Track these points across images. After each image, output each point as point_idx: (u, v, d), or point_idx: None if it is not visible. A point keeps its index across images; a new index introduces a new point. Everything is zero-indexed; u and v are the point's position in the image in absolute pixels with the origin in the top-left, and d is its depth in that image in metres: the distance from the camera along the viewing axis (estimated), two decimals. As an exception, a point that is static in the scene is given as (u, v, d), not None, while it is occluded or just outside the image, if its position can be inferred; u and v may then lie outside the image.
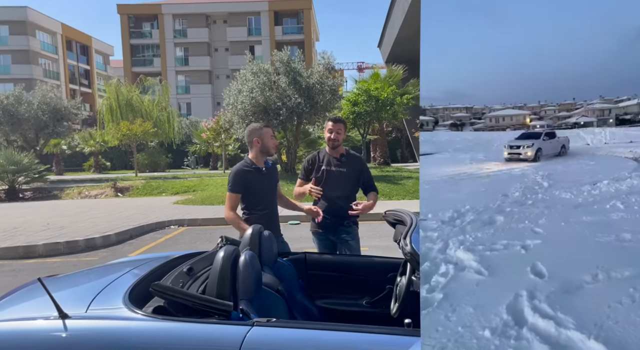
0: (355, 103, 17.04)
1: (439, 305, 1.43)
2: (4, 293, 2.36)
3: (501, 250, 1.93)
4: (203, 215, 9.80)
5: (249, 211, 3.27)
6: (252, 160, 3.28)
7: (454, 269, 1.64)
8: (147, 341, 1.75)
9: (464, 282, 1.59)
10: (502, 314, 1.32)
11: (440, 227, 1.94)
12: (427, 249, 1.57)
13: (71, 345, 1.73)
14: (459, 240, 1.98)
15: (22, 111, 17.70)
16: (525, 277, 1.54)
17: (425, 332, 1.30)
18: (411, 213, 2.47)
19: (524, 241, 1.97)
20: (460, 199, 2.57)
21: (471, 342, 1.24)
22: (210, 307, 1.87)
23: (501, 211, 2.52)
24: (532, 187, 2.98)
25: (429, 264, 1.53)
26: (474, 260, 1.79)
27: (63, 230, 8.32)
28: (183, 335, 1.76)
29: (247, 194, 3.22)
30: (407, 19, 21.49)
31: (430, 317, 1.35)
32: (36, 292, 2.12)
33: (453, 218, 2.35)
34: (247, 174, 3.22)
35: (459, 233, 2.09)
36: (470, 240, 2.06)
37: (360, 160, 3.60)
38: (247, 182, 3.20)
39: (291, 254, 3.02)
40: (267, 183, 3.30)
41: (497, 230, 2.23)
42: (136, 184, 16.09)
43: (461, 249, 1.88)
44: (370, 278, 2.86)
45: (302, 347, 1.70)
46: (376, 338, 1.74)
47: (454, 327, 1.31)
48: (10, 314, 1.94)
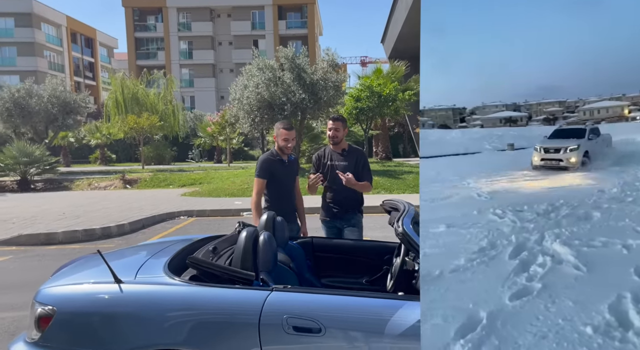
0: (358, 99, 17.37)
1: (539, 294, 1.49)
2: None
3: (600, 247, 1.88)
4: (210, 207, 10.22)
5: (270, 196, 3.65)
6: (277, 152, 3.68)
7: (551, 261, 1.73)
8: (184, 302, 2.16)
9: (562, 275, 1.62)
10: (604, 313, 1.28)
11: (536, 218, 2.07)
12: (524, 239, 1.71)
13: (125, 304, 2.14)
14: (555, 233, 2.05)
15: (32, 104, 18.11)
16: (628, 278, 1.50)
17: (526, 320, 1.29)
18: (405, 201, 2.86)
19: (625, 240, 1.89)
20: (554, 192, 2.62)
21: (572, 335, 1.23)
22: (236, 276, 2.28)
23: (598, 207, 2.46)
24: (633, 184, 2.76)
25: (526, 253, 1.68)
26: (571, 254, 1.81)
27: (79, 219, 8.75)
28: (214, 298, 2.17)
29: (271, 181, 3.60)
30: (411, 15, 21.70)
31: (530, 305, 1.39)
32: (91, 263, 2.53)
33: (548, 211, 2.44)
34: (272, 163, 3.62)
35: (554, 226, 2.16)
36: (567, 234, 2.06)
37: (360, 153, 3.91)
38: (272, 170, 3.59)
39: (300, 237, 3.42)
40: (287, 173, 3.69)
41: (594, 226, 2.19)
42: (144, 177, 16.51)
43: (557, 242, 1.94)
44: (369, 260, 3.25)
45: (313, 307, 2.10)
46: (372, 301, 2.15)
47: (554, 318, 1.33)
48: (76, 279, 2.35)
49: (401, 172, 14.73)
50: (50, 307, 2.14)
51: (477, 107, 4.88)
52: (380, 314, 2.06)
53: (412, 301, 2.07)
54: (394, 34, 26.81)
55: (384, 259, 3.18)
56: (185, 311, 2.12)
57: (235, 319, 2.09)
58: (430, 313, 1.78)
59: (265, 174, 3.58)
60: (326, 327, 2.02)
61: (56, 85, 19.08)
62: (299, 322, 2.04)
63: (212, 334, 2.05)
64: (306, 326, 2.03)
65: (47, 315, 2.13)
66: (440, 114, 5.04)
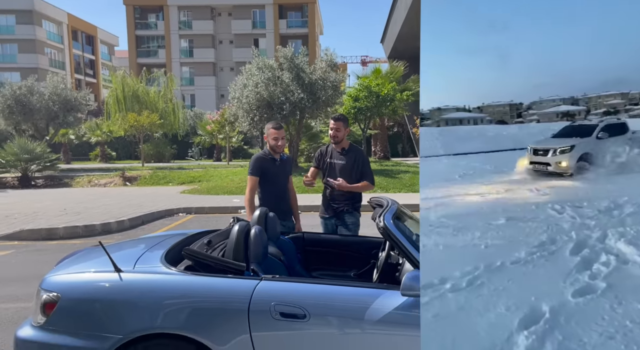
0: (357, 98, 17.53)
1: (603, 293, 1.45)
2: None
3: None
4: (209, 204, 10.38)
5: (263, 194, 3.82)
6: (269, 151, 3.84)
7: (615, 261, 1.68)
8: (180, 289, 2.32)
9: (628, 276, 1.57)
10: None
11: (597, 216, 2.04)
12: (585, 236, 1.71)
13: (124, 292, 2.31)
14: (619, 231, 2.00)
15: (33, 101, 18.26)
16: None
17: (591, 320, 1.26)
18: (390, 199, 3.02)
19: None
20: (617, 189, 2.55)
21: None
22: (228, 267, 2.45)
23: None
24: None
25: (588, 250, 1.67)
26: (638, 255, 1.76)
27: (79, 215, 8.91)
28: (207, 286, 2.33)
29: (263, 179, 3.77)
30: (410, 15, 21.82)
31: (594, 304, 1.38)
32: (92, 254, 2.70)
33: (610, 208, 2.37)
34: (264, 161, 3.79)
35: (618, 224, 2.10)
36: (632, 233, 2.01)
37: (360, 152, 4.03)
38: (264, 168, 3.75)
39: (292, 232, 3.59)
40: (279, 172, 3.84)
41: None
42: (143, 174, 16.67)
43: (622, 242, 1.89)
44: (358, 254, 3.42)
45: (299, 295, 2.27)
46: (353, 290, 2.31)
47: (621, 319, 1.28)
48: (79, 268, 2.51)
49: (398, 171, 14.89)
50: (55, 293, 2.30)
51: (534, 102, 4.94)
52: (360, 302, 2.22)
53: (390, 290, 2.23)
54: (394, 34, 26.94)
55: (371, 253, 3.34)
56: (181, 298, 2.28)
57: (226, 305, 2.26)
58: (491, 303, 1.80)
59: (257, 171, 3.74)
60: (311, 314, 2.19)
61: (57, 83, 19.25)
62: (286, 309, 2.20)
63: (206, 320, 2.21)
64: (292, 312, 2.20)
65: (51, 301, 2.30)
66: (497, 109, 5.14)
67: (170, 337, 2.22)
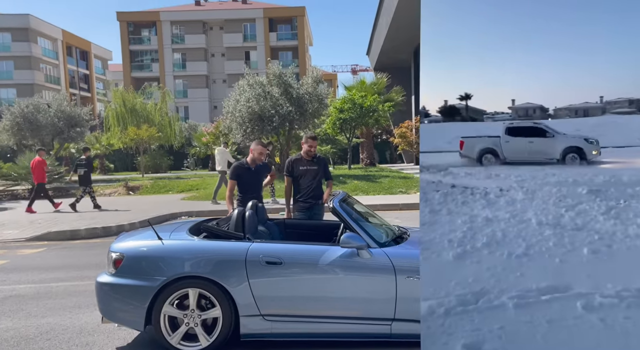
0: (342, 110, 18.95)
1: None
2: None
3: None
4: (208, 209, 11.65)
5: (241, 195, 5.16)
6: (246, 161, 5.20)
7: None
8: (200, 249, 3.61)
9: None
10: None
11: None
12: None
13: (165, 251, 3.59)
14: None
15: (40, 118, 19.49)
16: None
17: None
18: (341, 191, 4.34)
19: None
20: None
21: None
22: (232, 236, 3.76)
23: None
24: None
25: None
26: None
27: (94, 219, 10.15)
28: (218, 247, 3.64)
29: (240, 183, 5.11)
30: (390, 33, 23.35)
31: None
32: (141, 232, 4.01)
33: None
34: (240, 169, 5.13)
35: None
36: None
37: (323, 159, 5.56)
38: (239, 175, 5.09)
39: (276, 219, 4.91)
40: (253, 178, 5.18)
41: None
42: (145, 184, 17.90)
43: None
44: (326, 233, 4.71)
45: (277, 251, 3.56)
46: (314, 246, 3.62)
47: None
48: (135, 238, 3.81)
49: (379, 176, 16.26)
50: (120, 253, 3.59)
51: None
52: (316, 253, 3.53)
53: (335, 246, 3.55)
54: (377, 48, 28.46)
55: (333, 232, 4.66)
56: (201, 254, 3.58)
57: (231, 258, 3.55)
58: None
59: (234, 176, 5.11)
60: (284, 261, 3.49)
61: (61, 100, 20.53)
62: (269, 259, 3.50)
63: (217, 267, 3.50)
64: (273, 261, 3.49)
65: (119, 259, 3.57)
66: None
67: (194, 277, 3.49)
